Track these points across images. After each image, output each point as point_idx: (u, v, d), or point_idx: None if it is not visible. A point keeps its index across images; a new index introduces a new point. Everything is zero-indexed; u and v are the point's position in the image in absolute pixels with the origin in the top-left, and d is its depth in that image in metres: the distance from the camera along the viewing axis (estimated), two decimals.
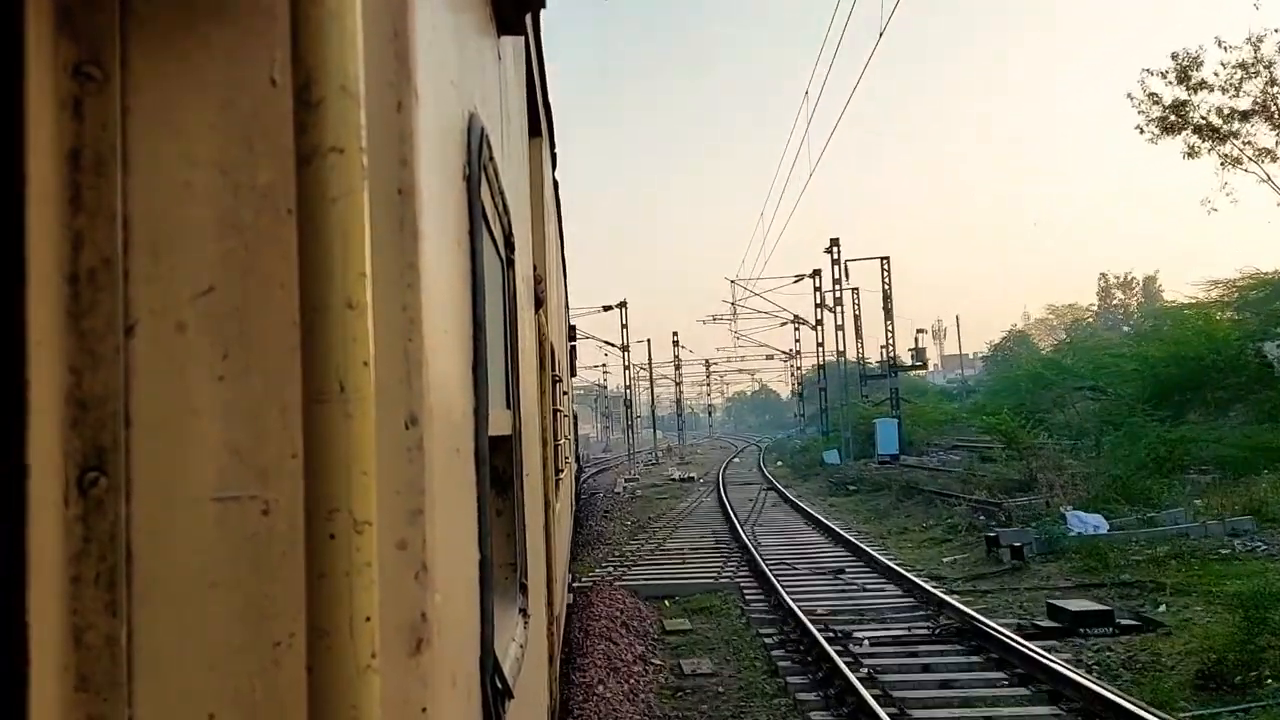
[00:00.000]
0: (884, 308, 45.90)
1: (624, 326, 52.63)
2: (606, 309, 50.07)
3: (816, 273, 50.26)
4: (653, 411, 74.84)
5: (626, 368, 56.02)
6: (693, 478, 43.58)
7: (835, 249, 45.68)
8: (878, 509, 26.47)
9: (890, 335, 45.94)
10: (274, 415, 0.99)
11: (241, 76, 1.01)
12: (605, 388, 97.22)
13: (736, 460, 61.20)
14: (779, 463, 53.79)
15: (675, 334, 73.51)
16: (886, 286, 45.88)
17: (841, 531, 20.97)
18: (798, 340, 67.52)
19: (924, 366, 48.60)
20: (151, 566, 0.94)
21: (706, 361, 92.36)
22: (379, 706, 0.88)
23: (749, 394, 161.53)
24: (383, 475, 0.94)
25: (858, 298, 47.32)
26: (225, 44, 1.01)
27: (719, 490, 34.98)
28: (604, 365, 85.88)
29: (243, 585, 0.97)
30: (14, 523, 0.81)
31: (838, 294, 46.26)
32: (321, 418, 0.88)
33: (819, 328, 50.77)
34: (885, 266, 46.36)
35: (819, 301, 50.16)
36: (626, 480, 43.45)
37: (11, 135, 0.84)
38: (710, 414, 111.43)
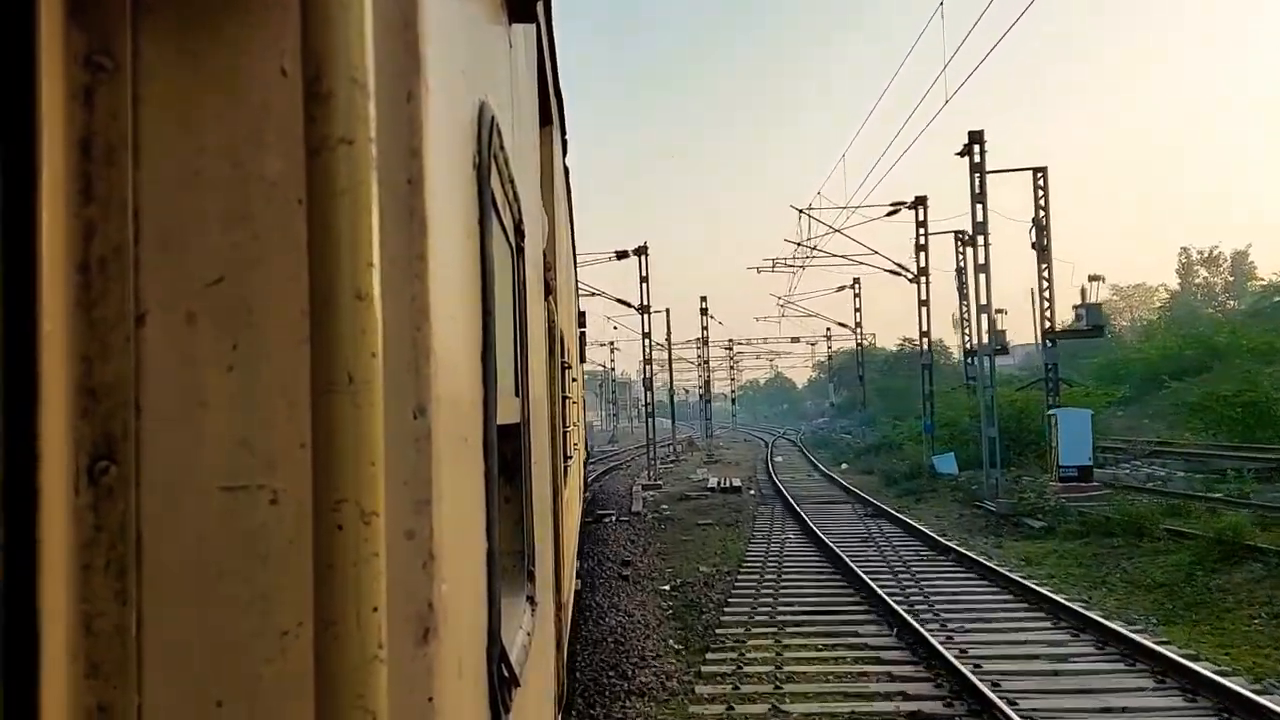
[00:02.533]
0: (1037, 245, 27.98)
1: (643, 280, 36.37)
2: (621, 255, 35.99)
3: (920, 201, 34.14)
4: (671, 397, 60.30)
5: (645, 336, 38.99)
6: (738, 487, 31.32)
7: (977, 151, 25.06)
8: (1153, 581, 14.08)
9: (1048, 285, 28.28)
10: (283, 405, 1.00)
11: (252, 67, 1.01)
12: (613, 369, 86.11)
13: (779, 459, 48.27)
14: (843, 465, 42.78)
15: (704, 300, 55.36)
16: (1042, 213, 27.91)
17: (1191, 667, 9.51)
18: (858, 310, 54.14)
19: (1098, 332, 29.99)
20: (161, 555, 0.95)
21: (730, 341, 78.79)
22: (386, 696, 0.88)
23: (762, 382, 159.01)
24: (391, 465, 0.95)
25: (979, 245, 25.09)
26: (236, 34, 1.01)
27: (792, 512, 23.87)
28: (613, 344, 75.11)
29: (251, 574, 0.97)
30: (25, 511, 0.82)
31: (979, 216, 24.78)
32: (329, 408, 0.89)
33: (922, 280, 34.65)
34: (1041, 184, 28.25)
35: (921, 243, 34.44)
36: (645, 487, 32.38)
37: (23, 125, 0.84)
38: (733, 402, 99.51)
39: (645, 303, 37.48)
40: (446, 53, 1.27)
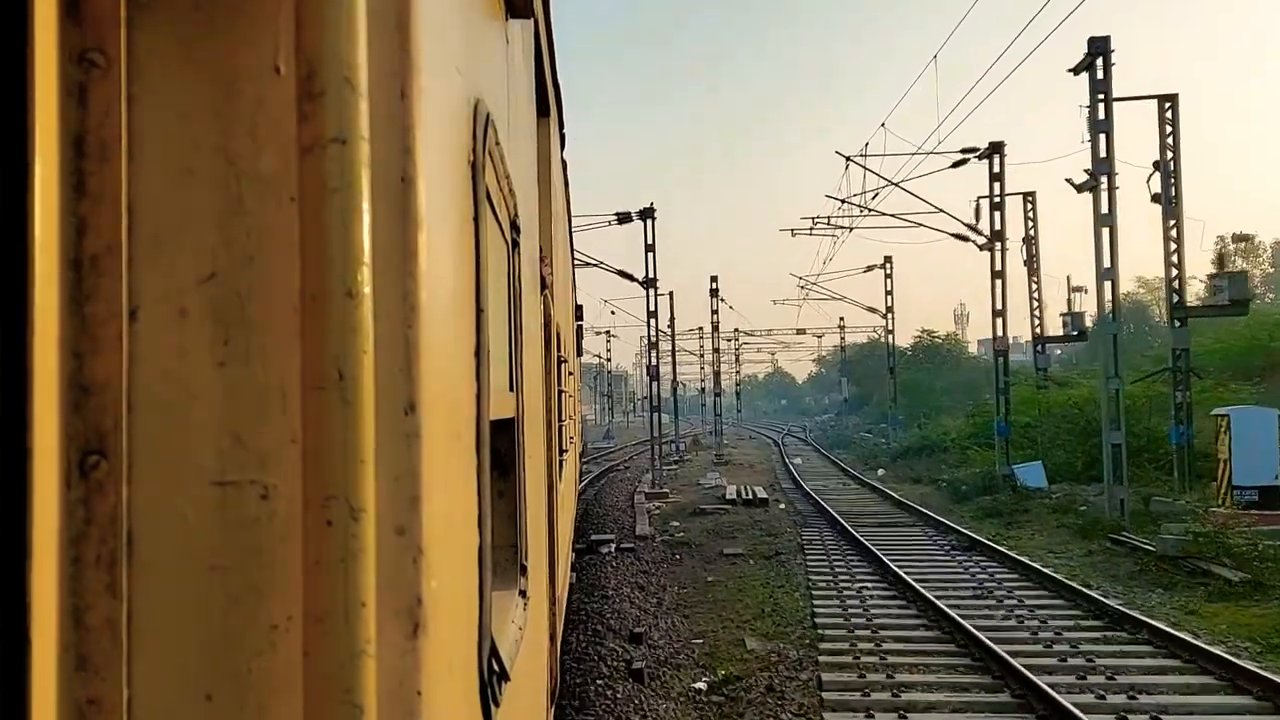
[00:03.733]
0: (1162, 195, 22.89)
1: (649, 249, 30.39)
2: (622, 219, 29.37)
3: (995, 149, 27.92)
4: (675, 390, 48.77)
5: (651, 316, 32.01)
6: (764, 499, 25.58)
7: (1099, 65, 20.10)
8: None
9: (1176, 248, 23.33)
10: (274, 401, 1.00)
11: (245, 64, 1.01)
12: (609, 360, 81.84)
13: (797, 460, 42.54)
14: (879, 470, 36.48)
15: (714, 281, 47.92)
16: (1170, 155, 23.00)
17: None
18: (889, 294, 45.86)
19: (1241, 309, 24.03)
20: (151, 549, 0.96)
21: (736, 331, 72.10)
22: (374, 690, 0.89)
23: (761, 377, 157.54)
24: (382, 462, 0.95)
25: (1102, 190, 19.80)
26: (230, 31, 1.01)
27: (848, 538, 18.65)
28: (609, 332, 71.17)
29: (241, 569, 0.98)
30: (15, 505, 0.82)
31: (1101, 152, 19.73)
32: (319, 405, 0.90)
33: (996, 247, 28.18)
34: (1169, 115, 23.22)
35: (996, 201, 28.19)
36: (649, 496, 27.14)
37: (16, 121, 0.84)
38: (737, 396, 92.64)
39: (651, 275, 30.38)
40: (441, 50, 1.27)
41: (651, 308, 32.01)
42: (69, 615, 0.90)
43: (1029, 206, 31.83)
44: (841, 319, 67.01)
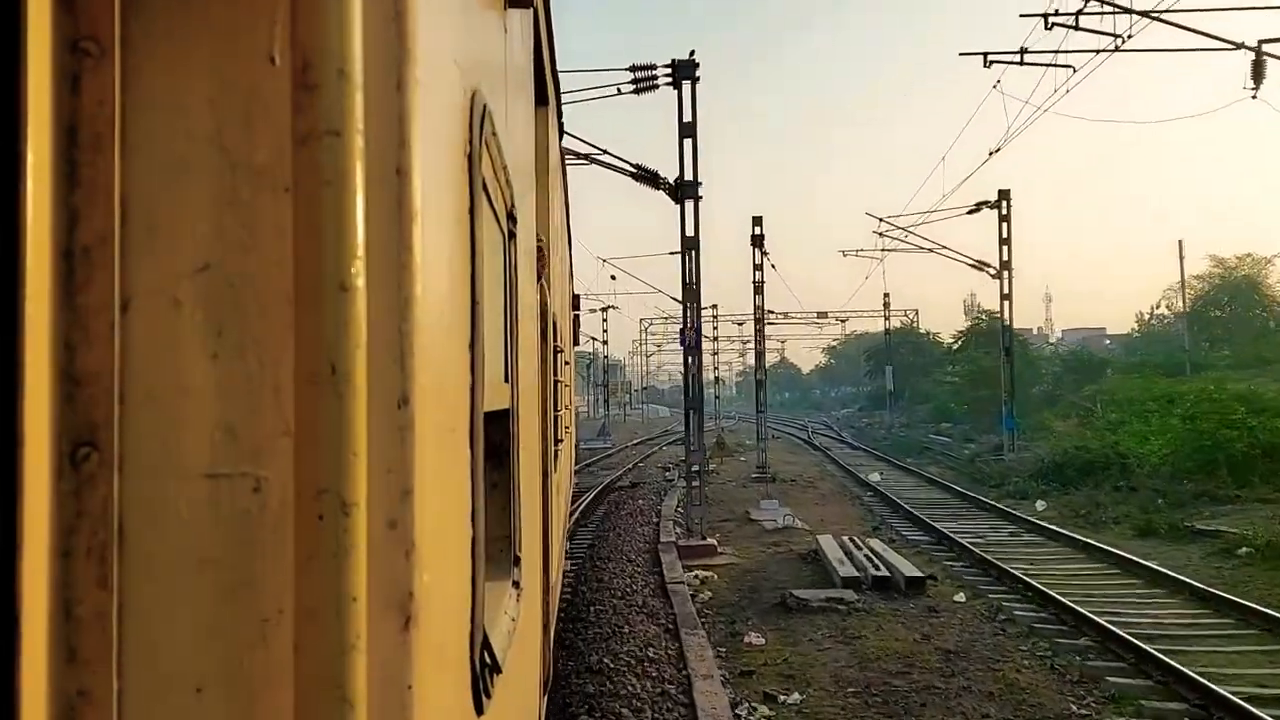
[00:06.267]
0: None
1: (687, 132, 17.51)
2: (641, 79, 17.88)
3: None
4: (717, 378, 39.14)
5: (688, 249, 18.03)
6: (915, 579, 13.76)
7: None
8: None
9: None
10: (267, 393, 1.00)
11: (241, 54, 1.01)
12: (606, 342, 69.89)
13: (874, 476, 29.74)
14: (1040, 504, 23.10)
15: (757, 224, 32.20)
16: None
17: None
18: (1004, 242, 31.75)
19: None
20: (143, 541, 0.96)
21: (757, 312, 47.61)
22: (365, 684, 0.89)
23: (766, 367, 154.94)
24: (374, 455, 0.95)
25: None
26: (225, 21, 1.00)
27: None
28: (609, 309, 61.10)
29: (233, 561, 0.98)
30: (6, 496, 0.82)
31: None
32: (312, 398, 0.89)
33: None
34: None
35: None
36: (686, 561, 16.18)
37: (8, 110, 0.84)
38: (760, 389, 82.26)
39: (688, 176, 17.42)
40: (438, 42, 1.26)
41: (688, 227, 17.60)
42: (59, 607, 0.89)
43: None
44: (886, 295, 56.93)
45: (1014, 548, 18.05)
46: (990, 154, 26.35)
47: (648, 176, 18.23)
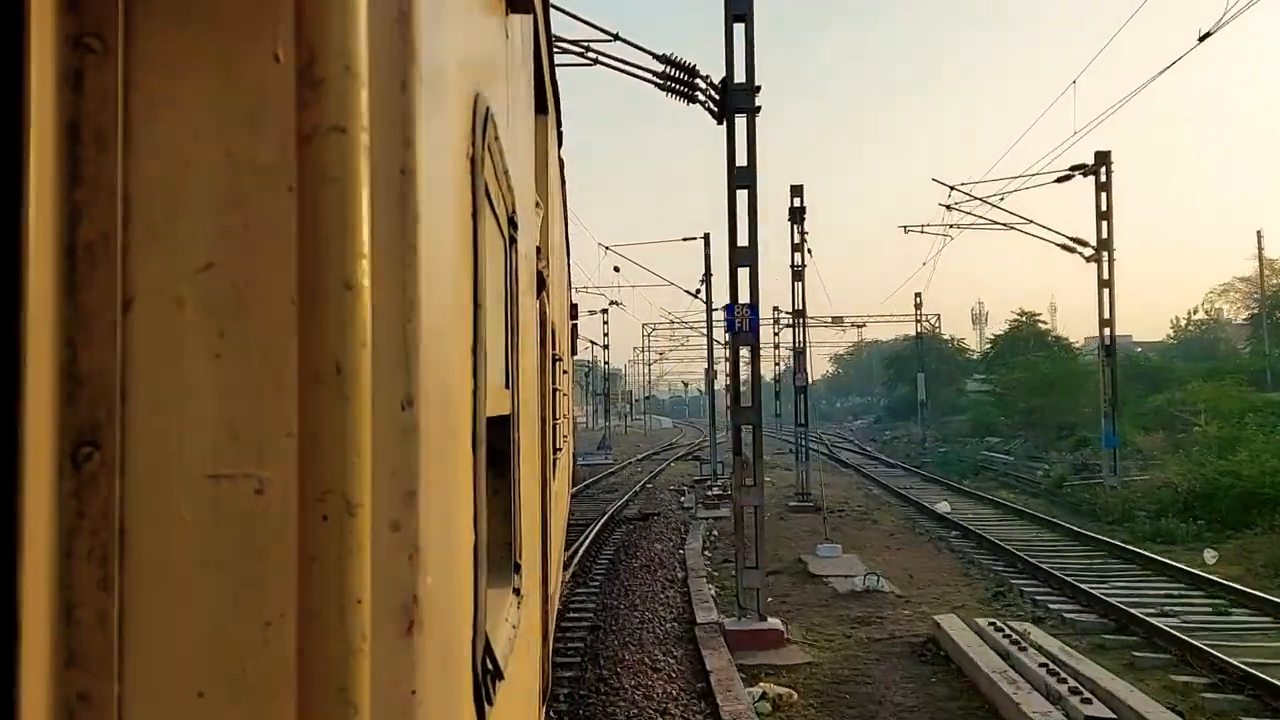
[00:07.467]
0: None
1: (736, 21, 12.02)
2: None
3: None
4: (780, 380, 32.60)
5: (740, 185, 12.21)
6: None
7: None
8: None
9: None
10: (270, 394, 0.99)
11: (244, 52, 1.00)
12: (607, 347, 64.20)
13: (942, 505, 24.53)
14: (1209, 555, 16.29)
15: (797, 193, 26.05)
16: None
17: None
18: (1104, 215, 24.96)
19: None
20: (145, 542, 0.94)
21: (776, 310, 47.25)
22: (368, 688, 0.88)
23: (766, 377, 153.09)
24: (378, 457, 0.94)
25: None
26: (229, 19, 1.00)
27: None
28: (611, 305, 56.44)
29: (235, 563, 0.97)
30: (7, 497, 0.81)
31: None
32: (316, 399, 0.88)
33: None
34: None
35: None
36: (751, 673, 10.02)
37: (11, 107, 0.83)
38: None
39: (739, 78, 12.27)
40: (442, 43, 1.26)
41: (739, 155, 12.43)
42: (60, 609, 0.88)
43: None
44: (918, 295, 51.32)
45: (1234, 632, 11.75)
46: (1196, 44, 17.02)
47: (680, 78, 13.19)
